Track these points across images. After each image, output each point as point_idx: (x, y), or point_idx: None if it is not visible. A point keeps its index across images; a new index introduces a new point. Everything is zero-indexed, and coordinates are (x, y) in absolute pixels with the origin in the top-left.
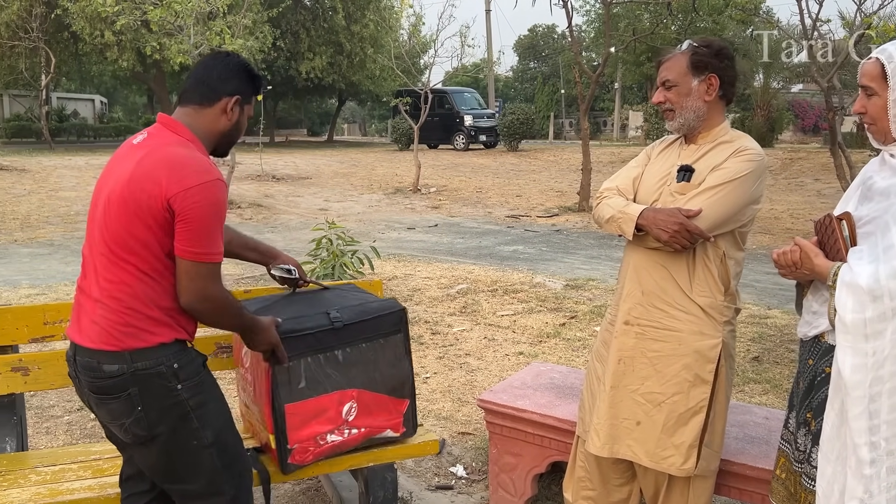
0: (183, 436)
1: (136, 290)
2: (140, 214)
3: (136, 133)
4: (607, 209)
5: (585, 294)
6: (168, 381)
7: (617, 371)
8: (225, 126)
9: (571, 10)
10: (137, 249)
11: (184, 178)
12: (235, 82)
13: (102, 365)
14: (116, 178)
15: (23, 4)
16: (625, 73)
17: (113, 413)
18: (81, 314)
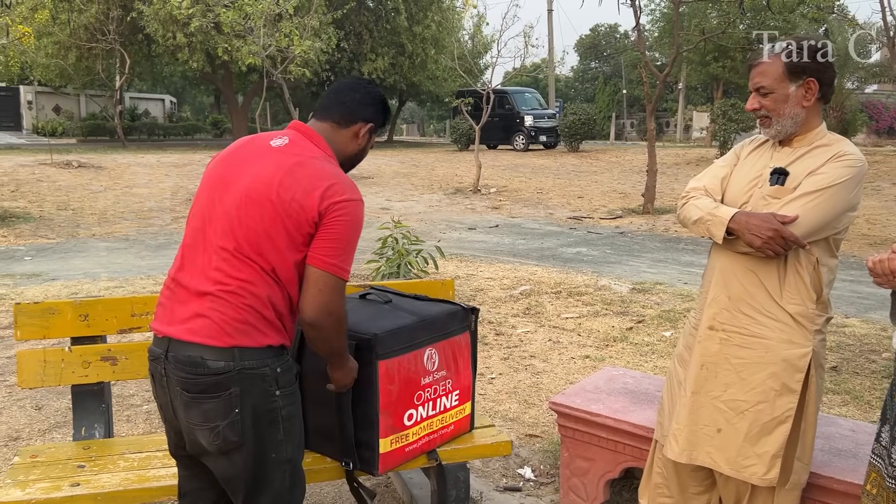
0: (267, 445)
1: (259, 290)
2: (283, 219)
3: (269, 134)
4: (695, 210)
5: (653, 298)
6: (269, 384)
7: (699, 376)
8: (354, 149)
9: (639, 9)
10: (268, 252)
11: (335, 193)
12: (371, 110)
13: (207, 361)
14: (257, 178)
15: (100, 8)
16: (690, 73)
17: (207, 414)
18: (178, 307)
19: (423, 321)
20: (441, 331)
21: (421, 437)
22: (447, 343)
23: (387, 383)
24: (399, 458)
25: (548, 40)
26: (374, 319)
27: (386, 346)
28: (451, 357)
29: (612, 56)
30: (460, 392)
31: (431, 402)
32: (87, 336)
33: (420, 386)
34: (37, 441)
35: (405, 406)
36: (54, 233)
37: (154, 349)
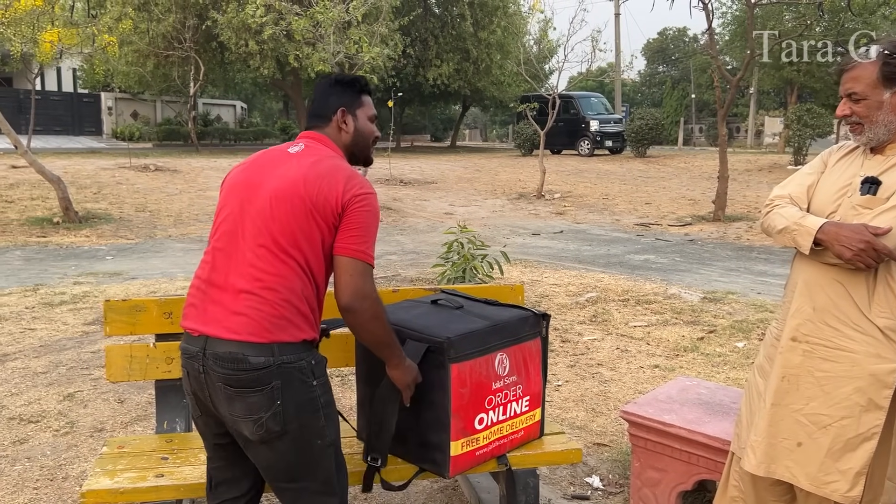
0: (310, 432)
1: (294, 285)
2: (312, 212)
3: (285, 143)
4: (780, 219)
5: (724, 308)
6: (307, 376)
7: (780, 388)
8: (348, 139)
9: (712, 12)
10: (302, 245)
11: (355, 186)
12: (333, 99)
13: (248, 357)
14: (284, 178)
15: (177, 17)
16: (762, 77)
17: (251, 407)
18: (211, 307)
19: (495, 326)
20: (512, 336)
21: (491, 441)
22: (518, 348)
23: (458, 386)
24: (469, 462)
25: (615, 44)
26: (446, 323)
27: (458, 349)
28: (522, 362)
29: (681, 60)
30: (530, 398)
31: (502, 406)
32: (170, 333)
33: (491, 390)
34: (120, 432)
35: (476, 410)
36: (133, 233)
37: (189, 347)
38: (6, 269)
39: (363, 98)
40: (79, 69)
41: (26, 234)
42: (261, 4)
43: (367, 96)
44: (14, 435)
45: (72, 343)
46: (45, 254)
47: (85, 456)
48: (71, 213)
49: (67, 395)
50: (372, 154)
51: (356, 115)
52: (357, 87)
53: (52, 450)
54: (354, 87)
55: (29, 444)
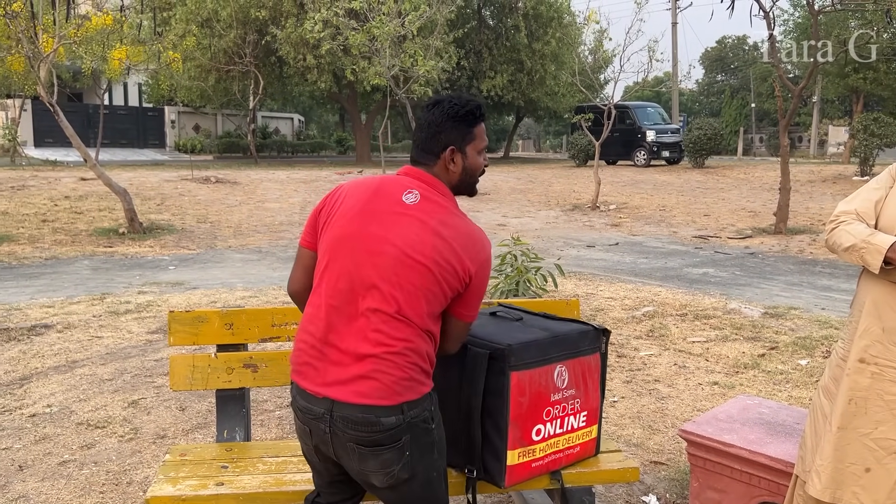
0: (430, 469)
1: (419, 347)
2: (441, 283)
3: (394, 183)
4: (846, 236)
5: (787, 324)
6: (429, 424)
7: (846, 412)
8: (454, 178)
9: (774, 21)
10: (424, 312)
11: (478, 252)
12: (443, 136)
13: (381, 419)
14: (409, 242)
15: (238, 33)
16: (826, 86)
17: (385, 462)
18: (332, 368)
19: (555, 337)
20: (572, 349)
21: (547, 454)
22: (578, 362)
23: (517, 395)
24: (525, 474)
25: (672, 54)
26: (507, 332)
27: (519, 357)
28: (581, 377)
29: (740, 68)
30: (588, 414)
31: (559, 419)
32: (231, 343)
33: (549, 402)
34: (181, 440)
35: (534, 420)
36: (194, 244)
37: (312, 408)
38: (75, 279)
39: (476, 130)
40: (144, 84)
41: (94, 245)
42: (319, 20)
43: (481, 125)
44: (82, 440)
45: (136, 351)
46: (111, 263)
47: (148, 462)
48: (136, 224)
49: (132, 402)
50: (478, 184)
51: (466, 152)
52: (471, 119)
53: (117, 455)
54: (468, 120)
55: (96, 449)
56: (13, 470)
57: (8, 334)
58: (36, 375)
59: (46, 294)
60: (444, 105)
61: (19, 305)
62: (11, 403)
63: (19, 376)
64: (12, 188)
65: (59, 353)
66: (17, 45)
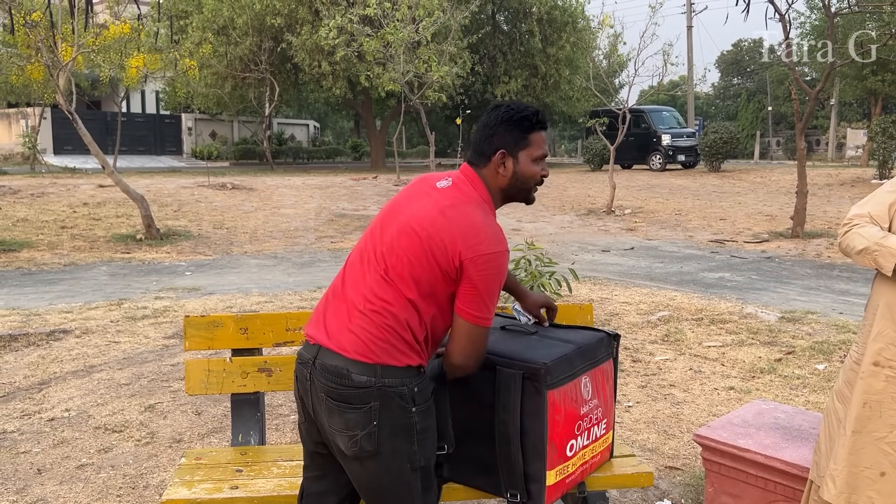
0: (402, 456)
1: (399, 312)
2: (429, 255)
3: (442, 173)
4: (859, 239)
5: (804, 328)
6: (406, 402)
7: (861, 415)
8: (504, 182)
9: (789, 23)
10: (411, 280)
11: (481, 244)
12: (495, 139)
13: (352, 373)
14: (415, 213)
15: (254, 40)
16: (843, 88)
17: (348, 423)
18: (331, 318)
19: (580, 349)
20: (593, 358)
21: (577, 467)
22: (598, 371)
23: (554, 413)
24: (560, 490)
25: (687, 57)
26: (533, 348)
27: (554, 375)
28: (601, 385)
29: (756, 72)
30: (607, 421)
31: (587, 431)
32: (246, 348)
33: (580, 416)
34: (197, 444)
35: (568, 436)
36: (211, 249)
37: (303, 353)
38: (93, 284)
39: (532, 137)
40: (161, 92)
41: (112, 251)
42: (333, 27)
43: (539, 133)
44: (99, 444)
45: (153, 356)
46: (128, 269)
47: (164, 466)
48: (153, 231)
49: (148, 407)
50: (533, 194)
51: (518, 157)
52: (525, 125)
53: (134, 459)
54: (522, 125)
55: (113, 453)
56: (32, 473)
57: (27, 339)
58: (55, 380)
59: (65, 300)
60: (502, 109)
61: (38, 311)
62: (31, 408)
63: (38, 381)
64: (32, 195)
65: (78, 357)
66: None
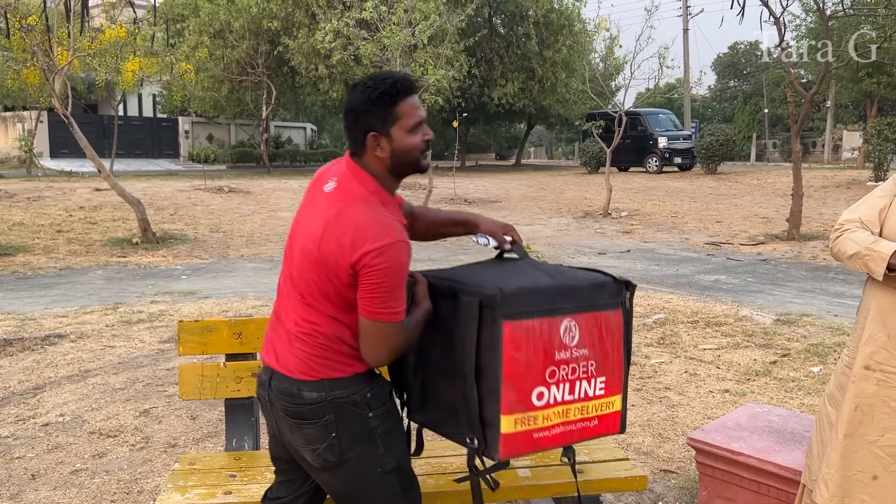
0: (369, 462)
1: (327, 331)
2: (328, 274)
3: (329, 172)
4: (850, 244)
5: (799, 330)
6: (361, 409)
7: (853, 419)
8: (386, 162)
9: (784, 26)
10: (323, 301)
11: (366, 241)
12: (361, 123)
13: (302, 392)
14: (308, 231)
15: (251, 43)
16: (839, 91)
17: (308, 438)
18: (276, 341)
19: (562, 287)
20: (584, 302)
21: (554, 424)
22: (593, 317)
23: (512, 349)
24: (526, 445)
25: (683, 60)
26: (505, 276)
27: (514, 304)
28: (597, 335)
29: (753, 74)
30: (607, 381)
31: (569, 383)
32: (240, 353)
33: (554, 360)
34: (192, 449)
35: (534, 381)
36: (207, 253)
37: (261, 376)
38: (89, 288)
39: (398, 109)
40: (158, 95)
41: (108, 255)
42: (330, 30)
43: (406, 100)
44: (94, 448)
45: (148, 360)
46: (124, 273)
47: (159, 471)
48: (149, 234)
49: (143, 411)
50: (424, 160)
51: (390, 134)
52: (387, 100)
53: (128, 464)
54: (384, 101)
55: (107, 458)
56: (26, 479)
57: (22, 344)
58: (49, 385)
59: (60, 304)
60: (359, 88)
61: (34, 315)
62: (25, 413)
63: (33, 386)
64: (28, 199)
65: (73, 362)
66: (32, 58)
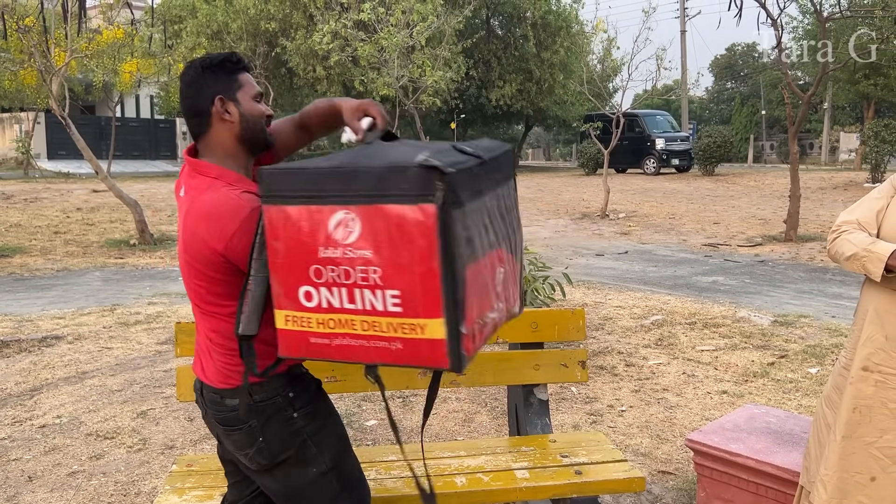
0: (302, 462)
1: (229, 333)
2: (205, 273)
3: (181, 177)
4: (848, 245)
5: (796, 332)
6: (285, 410)
7: (851, 420)
8: (235, 129)
9: (781, 28)
10: (218, 304)
11: (223, 227)
12: (205, 90)
13: (225, 399)
14: (182, 242)
15: (248, 44)
16: (836, 92)
17: (237, 444)
18: (200, 353)
19: (341, 169)
20: (369, 190)
21: (337, 333)
22: (379, 212)
23: (272, 237)
24: (301, 348)
25: (681, 62)
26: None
27: (272, 185)
28: (388, 237)
29: (750, 76)
30: (404, 296)
31: (345, 289)
32: None
33: (317, 258)
34: (189, 450)
35: (298, 279)
36: None
37: (195, 385)
38: (87, 290)
39: (240, 78)
40: (155, 96)
41: (105, 256)
42: (328, 32)
43: (244, 74)
44: (91, 450)
45: (145, 362)
46: (122, 275)
47: (156, 472)
48: (146, 236)
49: (141, 413)
50: (270, 137)
51: (237, 99)
52: (229, 68)
53: (125, 466)
54: (226, 68)
55: (104, 460)
56: (23, 481)
57: (19, 346)
58: (46, 386)
59: (58, 305)
60: (195, 63)
61: (31, 317)
62: (22, 414)
63: (30, 387)
64: (25, 200)
65: (70, 364)
66: (29, 59)
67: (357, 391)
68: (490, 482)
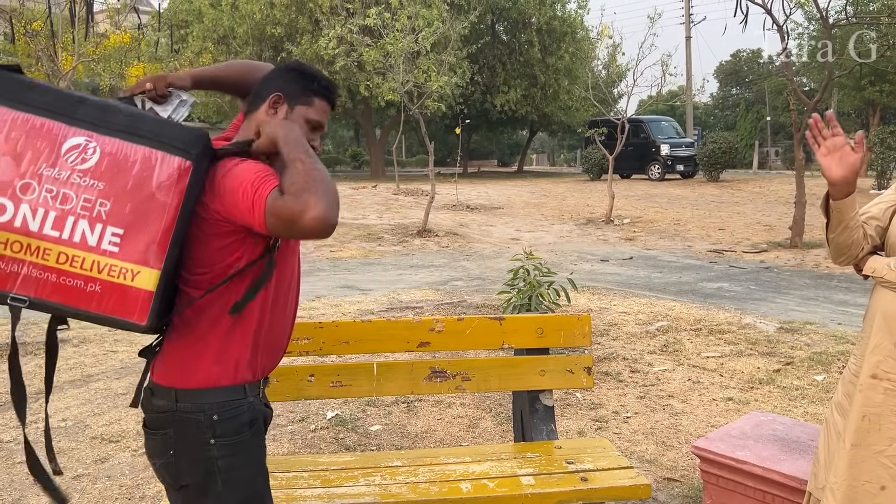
0: (203, 496)
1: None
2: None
3: None
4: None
5: (802, 339)
6: (203, 431)
7: (860, 428)
8: None
9: (787, 34)
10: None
11: None
12: (279, 82)
13: (154, 397)
14: None
15: (254, 49)
16: (842, 99)
17: (149, 450)
18: None
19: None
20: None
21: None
22: (127, 149)
23: None
24: None
25: (686, 68)
26: None
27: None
28: (130, 177)
29: (755, 82)
30: (126, 237)
31: (55, 213)
32: None
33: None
34: None
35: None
36: None
37: None
38: None
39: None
40: None
41: None
42: (333, 37)
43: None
44: (96, 454)
45: None
46: None
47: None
48: None
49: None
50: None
51: (294, 109)
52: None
53: (130, 469)
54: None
55: (109, 463)
56: (28, 484)
57: (24, 349)
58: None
59: None
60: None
61: (36, 320)
62: (27, 418)
63: (35, 390)
64: None
65: (75, 367)
66: (37, 63)
67: (362, 396)
68: (495, 488)
